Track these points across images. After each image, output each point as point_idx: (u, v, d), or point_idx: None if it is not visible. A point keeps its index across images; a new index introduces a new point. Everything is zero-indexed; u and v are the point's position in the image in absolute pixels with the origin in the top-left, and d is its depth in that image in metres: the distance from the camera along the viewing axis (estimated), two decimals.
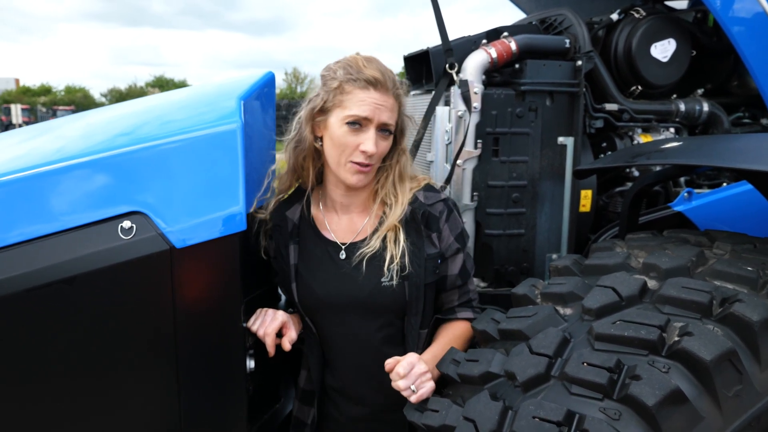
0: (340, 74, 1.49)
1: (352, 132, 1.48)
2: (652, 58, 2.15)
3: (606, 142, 2.22)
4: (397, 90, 1.53)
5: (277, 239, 1.60)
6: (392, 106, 1.51)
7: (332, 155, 1.53)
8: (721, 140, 1.87)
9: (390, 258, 1.52)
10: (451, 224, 1.60)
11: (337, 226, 1.62)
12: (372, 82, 1.47)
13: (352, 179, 1.52)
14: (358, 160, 1.49)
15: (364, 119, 1.47)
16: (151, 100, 1.95)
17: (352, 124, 1.47)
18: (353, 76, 1.48)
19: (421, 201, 1.58)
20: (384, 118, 1.49)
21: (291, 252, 1.59)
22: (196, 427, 1.47)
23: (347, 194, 1.61)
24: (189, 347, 1.42)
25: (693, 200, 2.08)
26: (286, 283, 1.60)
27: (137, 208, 1.37)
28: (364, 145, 1.48)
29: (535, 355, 1.19)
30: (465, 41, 2.09)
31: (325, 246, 1.60)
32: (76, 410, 1.42)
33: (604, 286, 1.28)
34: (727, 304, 1.18)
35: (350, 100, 1.47)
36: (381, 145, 1.51)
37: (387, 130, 1.52)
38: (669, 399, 1.04)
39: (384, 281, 1.52)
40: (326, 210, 1.65)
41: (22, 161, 1.43)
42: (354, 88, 1.47)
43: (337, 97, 1.49)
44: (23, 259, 1.33)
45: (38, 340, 1.36)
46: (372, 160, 1.51)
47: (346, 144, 1.49)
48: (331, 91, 1.49)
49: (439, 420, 1.23)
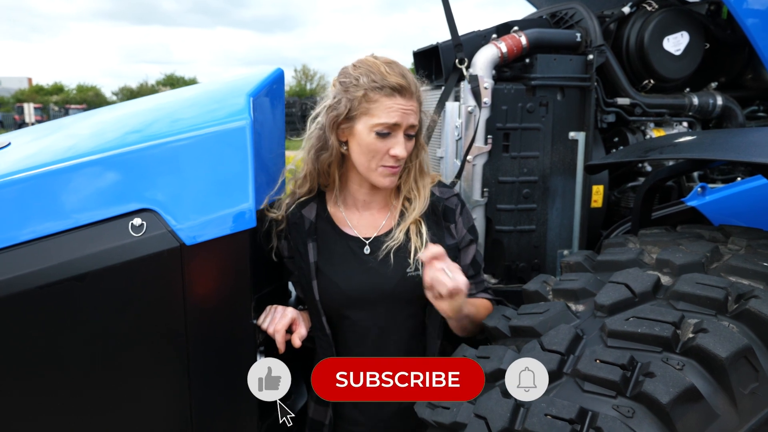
0: (364, 81, 1.49)
1: (382, 139, 1.50)
2: (664, 51, 2.12)
3: (618, 137, 2.20)
4: (417, 92, 1.55)
5: (295, 238, 1.61)
6: (416, 108, 1.54)
7: (361, 161, 1.55)
8: (735, 134, 1.85)
9: (414, 249, 1.55)
10: (464, 217, 1.66)
11: (359, 223, 1.64)
12: (398, 89, 1.49)
13: (385, 182, 1.56)
14: (389, 164, 1.53)
15: (393, 126, 1.50)
16: (161, 98, 1.95)
17: (381, 133, 1.50)
18: (378, 84, 1.48)
19: (437, 195, 1.64)
20: (411, 121, 1.52)
21: (310, 250, 1.59)
22: (207, 423, 1.48)
23: (371, 192, 1.64)
24: (200, 344, 1.43)
25: (707, 195, 2.05)
26: (305, 281, 1.60)
27: (147, 206, 1.37)
28: (395, 150, 1.51)
29: (546, 351, 1.18)
30: (475, 36, 2.08)
31: (346, 242, 1.61)
32: (88, 406, 1.43)
33: (616, 283, 1.27)
34: (742, 300, 1.16)
35: (377, 108, 1.49)
36: (408, 146, 1.55)
37: (413, 134, 1.56)
38: (683, 396, 1.02)
39: (409, 272, 1.55)
40: (346, 208, 1.66)
41: (33, 159, 1.44)
42: (380, 96, 1.48)
43: (362, 105, 1.50)
44: (35, 257, 1.34)
45: (50, 337, 1.36)
46: (401, 161, 1.55)
47: (376, 151, 1.51)
48: (355, 99, 1.50)
49: (450, 417, 1.22)
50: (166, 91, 2.70)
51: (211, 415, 1.48)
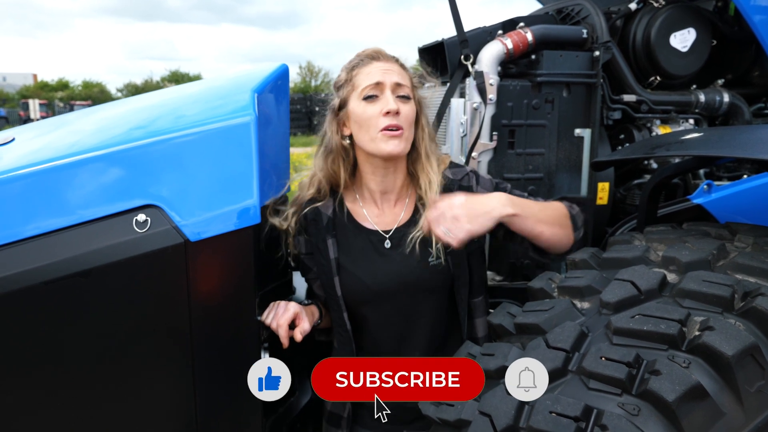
0: (345, 68, 1.60)
1: (371, 103, 1.53)
2: (671, 48, 2.11)
3: (624, 134, 2.19)
4: (400, 61, 1.61)
5: (314, 234, 1.62)
6: (400, 71, 1.58)
7: (363, 137, 1.56)
8: (742, 131, 1.83)
9: (434, 238, 1.53)
10: (483, 186, 1.66)
11: (378, 217, 1.65)
12: (373, 56, 1.58)
13: (389, 146, 1.53)
14: (384, 125, 1.52)
15: (376, 85, 1.53)
16: (165, 94, 1.95)
17: (368, 98, 1.54)
18: (355, 62, 1.59)
19: (450, 178, 1.65)
20: (395, 79, 1.55)
21: (330, 246, 1.60)
22: (211, 419, 1.48)
23: (384, 177, 1.62)
24: (204, 340, 1.43)
25: (713, 192, 2.04)
26: (326, 278, 1.60)
27: (152, 202, 1.37)
28: (384, 107, 1.52)
29: (552, 349, 1.18)
30: (480, 32, 2.07)
31: (367, 236, 1.62)
32: (92, 402, 1.43)
33: (622, 280, 1.26)
34: (749, 298, 1.15)
35: (359, 78, 1.56)
36: (403, 107, 1.54)
37: (404, 95, 1.56)
38: (689, 394, 1.02)
39: (431, 260, 1.57)
40: (364, 203, 1.67)
41: (38, 155, 1.44)
42: (359, 69, 1.57)
43: (348, 86, 1.57)
44: (40, 252, 1.34)
45: (54, 333, 1.37)
46: (399, 120, 1.53)
47: (370, 116, 1.53)
48: (341, 86, 1.59)
49: (455, 414, 1.22)
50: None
51: (216, 411, 1.48)
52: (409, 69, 1.64)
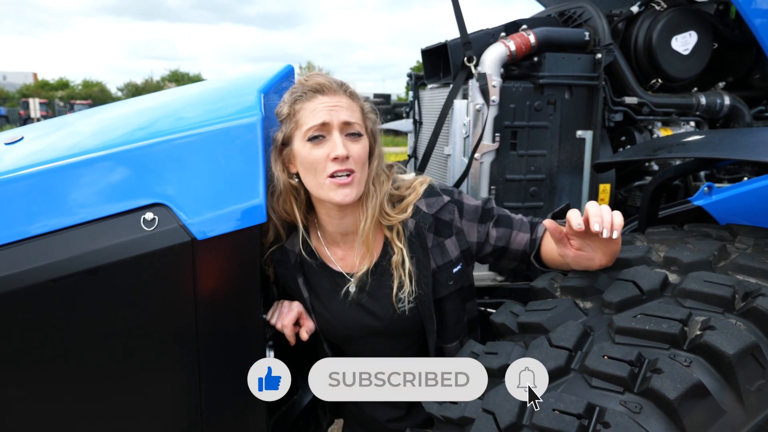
0: (287, 99, 1.45)
1: (317, 145, 1.39)
2: (672, 50, 2.13)
3: (625, 136, 2.21)
4: (348, 89, 1.45)
5: (283, 275, 1.58)
6: (348, 104, 1.42)
7: (310, 182, 1.44)
8: (742, 134, 1.85)
9: (399, 285, 1.48)
10: (467, 216, 1.55)
11: (343, 260, 1.57)
12: (317, 89, 1.41)
13: (338, 196, 1.40)
14: (331, 171, 1.38)
15: (322, 126, 1.39)
16: (171, 94, 1.96)
17: (313, 139, 1.39)
18: (298, 93, 1.43)
19: (424, 211, 1.51)
20: (343, 117, 1.40)
21: (301, 285, 1.56)
22: (216, 417, 1.49)
23: (341, 222, 1.51)
24: (210, 338, 1.44)
25: (713, 194, 2.05)
26: (307, 312, 1.59)
27: (159, 201, 1.38)
28: (331, 152, 1.38)
29: (555, 348, 1.19)
30: (483, 34, 2.09)
31: (332, 277, 1.56)
32: (99, 399, 1.44)
33: (624, 280, 1.28)
34: (750, 298, 1.17)
35: (302, 116, 1.40)
36: (353, 148, 1.40)
37: (354, 132, 1.42)
38: (691, 393, 1.03)
39: (401, 307, 1.50)
40: (327, 243, 1.58)
41: (46, 154, 1.45)
42: (303, 103, 1.41)
43: (291, 122, 1.43)
44: (48, 250, 1.35)
45: (61, 330, 1.38)
46: (349, 164, 1.39)
47: (316, 160, 1.39)
48: (284, 120, 1.44)
49: (458, 412, 1.23)
50: (171, 87, 2.70)
51: (221, 409, 1.49)
52: (358, 96, 1.48)
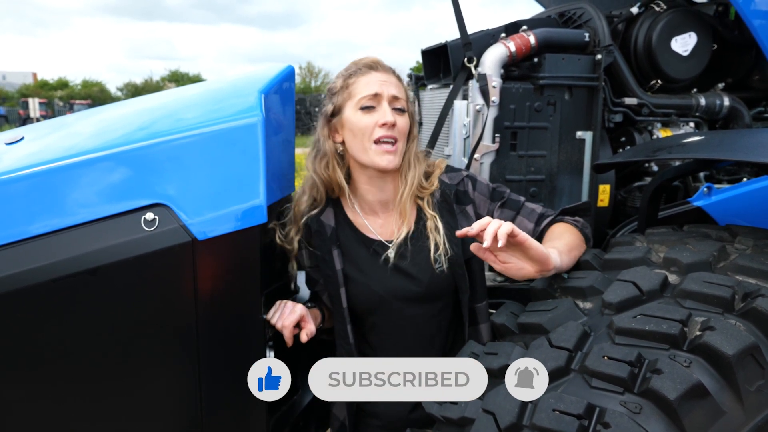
0: (341, 75, 1.61)
1: (368, 113, 1.55)
2: (672, 51, 2.13)
3: (625, 137, 2.21)
4: (396, 74, 1.61)
5: (318, 246, 1.62)
6: (397, 84, 1.59)
7: (356, 146, 1.57)
8: (742, 135, 1.85)
9: (435, 246, 1.58)
10: (479, 189, 1.68)
11: (381, 228, 1.66)
12: (371, 65, 1.58)
13: (382, 161, 1.55)
14: (378, 135, 1.54)
15: (374, 96, 1.55)
16: (172, 94, 1.96)
17: (365, 108, 1.55)
18: (352, 70, 1.59)
19: (447, 182, 1.66)
20: (393, 92, 1.56)
21: (335, 257, 1.61)
22: (216, 417, 1.49)
23: (381, 190, 1.64)
24: (210, 338, 1.44)
25: (713, 195, 2.06)
26: (332, 288, 1.61)
27: (160, 201, 1.38)
28: (381, 118, 1.54)
29: (555, 348, 1.20)
30: (483, 35, 2.09)
31: (371, 246, 1.63)
32: (99, 399, 1.44)
33: (624, 281, 1.28)
34: (749, 299, 1.17)
35: (356, 87, 1.56)
36: (399, 119, 1.56)
37: (400, 108, 1.58)
38: (690, 393, 1.04)
39: (438, 268, 1.58)
40: (365, 214, 1.67)
41: (46, 154, 1.46)
42: (357, 78, 1.57)
43: (344, 94, 1.58)
44: (48, 250, 1.35)
45: (62, 330, 1.38)
46: (394, 132, 1.55)
47: (365, 126, 1.54)
48: (336, 93, 1.59)
49: (459, 412, 1.24)
50: (171, 87, 2.70)
51: (221, 409, 1.50)
52: (404, 83, 1.64)
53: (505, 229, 1.26)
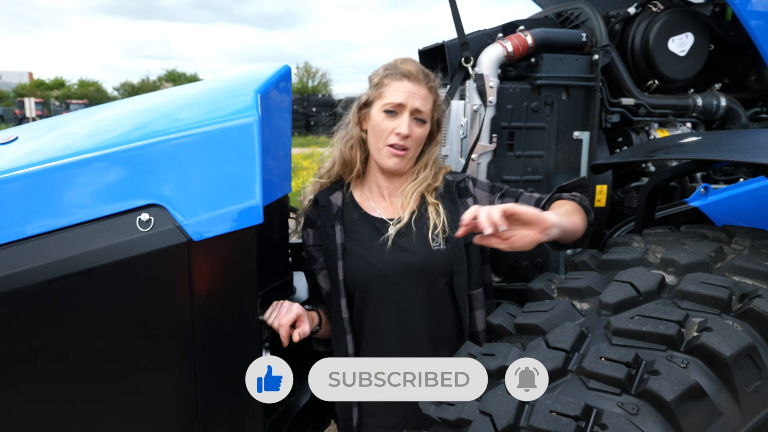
0: (381, 72, 1.71)
1: (389, 118, 1.66)
2: (669, 52, 2.13)
3: (622, 137, 2.21)
4: (430, 83, 1.70)
5: (323, 220, 1.72)
6: (425, 95, 1.67)
7: (372, 142, 1.71)
8: (739, 135, 1.85)
9: (433, 226, 1.66)
10: (480, 186, 1.77)
11: (384, 209, 1.76)
12: (406, 74, 1.66)
13: (389, 162, 1.68)
14: (392, 142, 1.65)
15: (399, 105, 1.64)
16: (168, 94, 1.95)
17: (388, 112, 1.65)
18: (390, 71, 1.69)
19: (449, 179, 1.77)
20: (416, 105, 1.65)
21: (337, 232, 1.70)
22: (212, 418, 1.48)
23: (390, 182, 1.76)
24: (206, 339, 1.43)
25: (709, 196, 2.06)
26: (331, 262, 1.68)
27: (155, 201, 1.37)
28: (398, 128, 1.64)
29: (552, 349, 1.19)
30: (480, 35, 2.08)
31: (373, 223, 1.73)
32: (94, 401, 1.43)
33: (621, 281, 1.28)
34: (746, 299, 1.17)
35: (387, 90, 1.67)
36: (415, 130, 1.67)
37: (421, 119, 1.67)
38: (688, 394, 1.03)
39: (435, 246, 1.65)
40: (372, 195, 1.78)
41: (41, 154, 1.45)
42: (391, 81, 1.67)
43: (377, 91, 1.69)
44: (42, 251, 1.34)
45: (57, 331, 1.37)
46: (407, 143, 1.66)
47: (383, 129, 1.66)
48: (372, 87, 1.71)
49: (455, 413, 1.23)
50: (169, 86, 2.69)
51: (217, 410, 1.49)
52: (436, 90, 1.72)
53: (497, 212, 1.33)
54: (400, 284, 1.65)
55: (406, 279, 1.65)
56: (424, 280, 1.65)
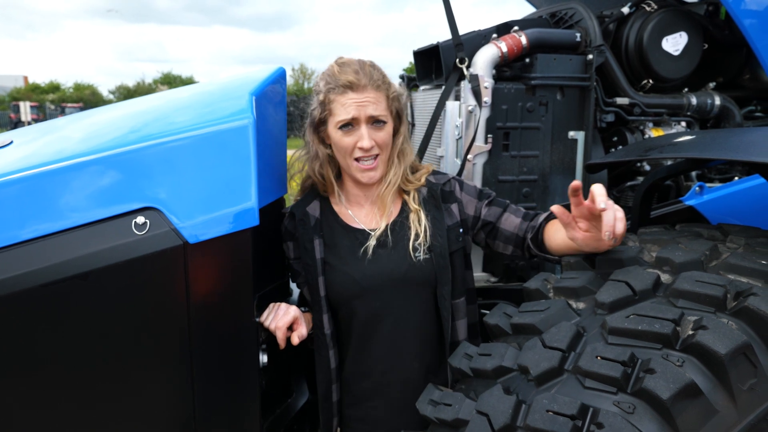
0: (321, 86, 1.61)
1: (347, 134, 1.59)
2: (663, 51, 2.14)
3: (617, 137, 2.22)
4: (375, 81, 1.60)
5: (301, 234, 1.65)
6: (375, 97, 1.58)
7: (340, 159, 1.64)
8: (733, 134, 1.86)
9: (415, 236, 1.62)
10: (466, 190, 1.71)
11: (365, 217, 1.70)
12: (347, 85, 1.57)
13: (363, 178, 1.62)
14: (358, 156, 1.59)
15: (352, 120, 1.57)
16: (162, 97, 1.96)
17: (344, 128, 1.58)
18: (331, 85, 1.59)
19: (433, 182, 1.71)
20: (369, 112, 1.57)
21: (316, 246, 1.64)
22: (209, 420, 1.48)
23: (366, 188, 1.69)
24: (203, 342, 1.43)
25: (704, 194, 2.07)
26: (311, 278, 1.62)
27: (151, 204, 1.37)
28: (359, 142, 1.58)
29: (548, 348, 1.19)
30: (475, 36, 2.09)
31: (354, 235, 1.66)
32: (91, 404, 1.43)
33: (617, 280, 1.28)
34: (741, 297, 1.17)
35: (335, 107, 1.59)
36: (378, 135, 1.59)
37: (379, 121, 1.59)
38: (683, 392, 1.03)
39: (417, 256, 1.60)
40: (350, 204, 1.72)
41: (36, 158, 1.44)
42: (335, 96, 1.58)
43: (326, 108, 1.60)
44: (39, 255, 1.34)
45: (53, 335, 1.37)
46: (374, 151, 1.59)
47: (345, 147, 1.59)
48: (319, 104, 1.62)
49: (452, 414, 1.23)
50: (163, 89, 2.69)
51: (214, 413, 1.49)
52: (385, 84, 1.62)
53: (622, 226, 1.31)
54: (384, 297, 1.61)
55: (389, 291, 1.61)
56: (408, 292, 1.62)
